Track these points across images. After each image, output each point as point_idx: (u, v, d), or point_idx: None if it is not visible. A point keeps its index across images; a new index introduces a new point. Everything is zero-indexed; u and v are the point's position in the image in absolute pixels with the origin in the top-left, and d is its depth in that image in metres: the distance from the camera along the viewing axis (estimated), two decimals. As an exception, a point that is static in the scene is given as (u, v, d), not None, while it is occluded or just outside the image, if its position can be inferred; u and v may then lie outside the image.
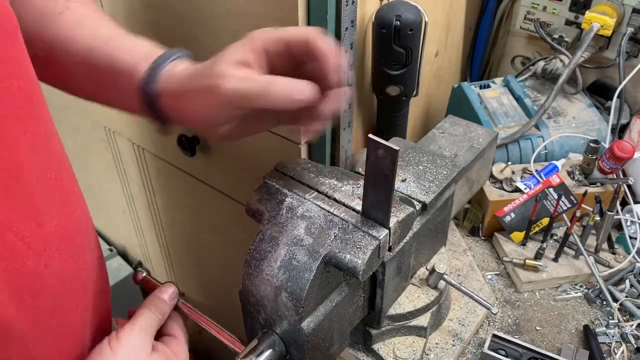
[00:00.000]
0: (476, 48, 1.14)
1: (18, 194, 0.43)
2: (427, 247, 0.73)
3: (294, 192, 0.60)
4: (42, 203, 0.45)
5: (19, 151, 0.43)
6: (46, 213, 0.46)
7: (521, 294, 0.85)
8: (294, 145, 0.77)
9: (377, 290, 0.66)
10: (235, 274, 0.63)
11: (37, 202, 0.45)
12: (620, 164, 0.87)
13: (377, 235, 0.53)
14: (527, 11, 1.07)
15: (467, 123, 0.85)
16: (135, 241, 1.43)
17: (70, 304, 0.51)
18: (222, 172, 0.95)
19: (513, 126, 0.97)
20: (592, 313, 0.82)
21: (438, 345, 0.75)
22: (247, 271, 0.56)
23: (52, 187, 0.47)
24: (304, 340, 0.55)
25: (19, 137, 0.43)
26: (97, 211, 1.53)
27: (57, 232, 0.48)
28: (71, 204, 0.52)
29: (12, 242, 0.42)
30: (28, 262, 0.44)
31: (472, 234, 0.96)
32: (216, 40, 0.77)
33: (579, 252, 0.87)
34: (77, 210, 0.53)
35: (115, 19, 0.90)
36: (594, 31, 0.94)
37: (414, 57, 0.76)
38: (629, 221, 0.91)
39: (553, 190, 0.88)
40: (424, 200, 0.65)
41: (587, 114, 1.01)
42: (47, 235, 0.46)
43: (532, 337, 0.79)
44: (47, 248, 0.46)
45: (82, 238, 0.54)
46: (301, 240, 0.55)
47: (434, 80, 1.04)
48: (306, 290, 0.52)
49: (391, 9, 0.72)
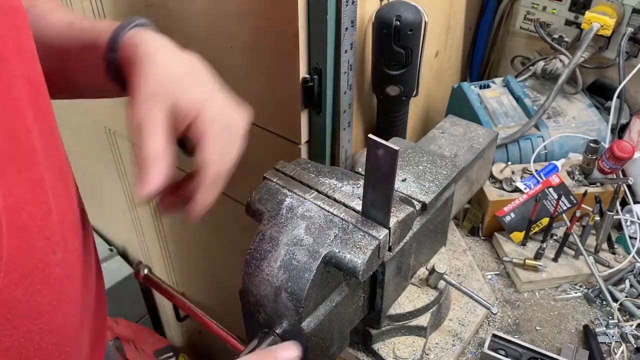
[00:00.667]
0: (476, 48, 1.14)
1: (31, 175, 0.43)
2: (427, 247, 0.73)
3: (294, 192, 0.60)
4: (50, 190, 0.46)
5: (32, 136, 0.43)
6: (53, 201, 0.46)
7: (521, 294, 0.85)
8: (294, 145, 0.77)
9: (377, 290, 0.66)
10: (235, 274, 0.63)
11: (47, 188, 0.45)
12: (620, 164, 0.87)
13: (377, 235, 0.53)
14: (527, 11, 1.07)
15: (467, 123, 0.85)
16: (135, 241, 1.43)
17: (70, 299, 0.51)
18: (222, 172, 0.95)
19: (513, 126, 0.97)
20: (592, 313, 0.82)
21: (438, 345, 0.76)
22: (247, 271, 0.56)
23: (57, 178, 0.48)
24: (304, 340, 0.55)
25: (32, 124, 0.43)
26: (97, 211, 1.53)
27: (62, 222, 0.48)
28: (72, 200, 0.52)
29: (25, 222, 0.42)
30: (39, 244, 0.43)
31: (472, 234, 0.96)
32: (216, 41, 0.77)
33: (579, 252, 0.87)
34: (78, 208, 0.53)
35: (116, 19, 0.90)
36: (594, 31, 0.94)
37: (414, 57, 0.76)
38: (629, 221, 0.91)
39: (553, 190, 0.88)
40: (423, 200, 0.65)
41: (587, 114, 1.01)
42: (55, 222, 0.46)
43: (532, 337, 0.79)
44: (54, 235, 0.46)
45: (82, 235, 0.54)
46: (301, 240, 0.55)
47: (434, 80, 1.04)
48: (306, 290, 0.52)
49: (391, 9, 0.72)
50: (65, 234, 0.49)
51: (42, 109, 0.47)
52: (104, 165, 1.27)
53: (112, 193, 1.34)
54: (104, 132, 1.17)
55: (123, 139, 1.13)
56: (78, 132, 1.27)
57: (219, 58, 0.78)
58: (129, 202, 1.30)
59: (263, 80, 0.74)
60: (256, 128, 0.81)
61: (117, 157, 1.20)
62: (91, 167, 1.34)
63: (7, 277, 0.39)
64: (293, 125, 0.75)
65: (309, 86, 0.70)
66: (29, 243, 0.42)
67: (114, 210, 1.40)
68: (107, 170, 1.28)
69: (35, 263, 0.43)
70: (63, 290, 0.48)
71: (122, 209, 1.35)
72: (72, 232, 0.51)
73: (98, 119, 1.16)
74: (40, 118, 0.45)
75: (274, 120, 0.77)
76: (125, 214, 1.36)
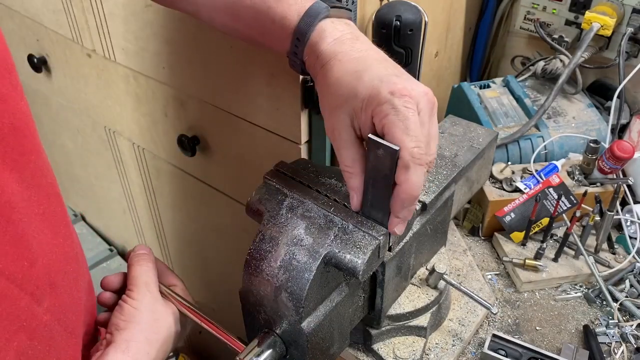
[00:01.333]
0: (476, 48, 1.14)
1: (9, 235, 0.42)
2: (427, 247, 0.73)
3: (294, 192, 0.60)
4: (32, 241, 0.45)
5: (8, 191, 0.42)
6: (37, 250, 0.46)
7: (521, 294, 0.85)
8: (294, 145, 0.77)
9: (377, 290, 0.66)
10: (236, 274, 0.63)
11: (28, 240, 0.44)
12: (620, 164, 0.87)
13: (377, 235, 0.53)
14: (527, 11, 1.07)
15: (467, 123, 0.85)
16: (135, 241, 1.43)
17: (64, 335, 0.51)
18: (222, 172, 0.95)
19: (513, 126, 0.97)
20: (592, 313, 0.82)
21: (438, 345, 0.75)
22: (247, 271, 0.56)
23: (41, 221, 0.47)
24: (304, 340, 0.55)
25: (8, 178, 0.42)
26: (97, 211, 1.53)
27: (49, 267, 0.47)
28: (61, 235, 0.51)
29: (4, 287, 0.42)
30: (21, 303, 0.44)
31: (472, 234, 0.96)
32: (216, 41, 0.77)
33: (579, 252, 0.87)
34: (67, 241, 0.52)
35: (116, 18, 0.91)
36: (594, 31, 0.94)
37: (414, 57, 0.76)
38: (629, 221, 0.91)
39: (553, 190, 0.88)
40: (424, 200, 0.65)
41: (587, 114, 1.01)
42: (38, 272, 0.46)
43: (532, 337, 0.79)
44: (39, 286, 0.46)
45: (73, 267, 0.53)
46: (301, 240, 0.55)
47: (434, 80, 1.04)
48: (306, 290, 0.52)
49: (391, 9, 0.72)
50: (54, 276, 0.48)
51: (25, 153, 0.45)
52: (104, 165, 1.27)
53: (112, 193, 1.34)
54: (104, 132, 1.17)
55: (123, 139, 1.13)
56: (78, 132, 1.27)
57: (219, 58, 0.78)
58: (129, 202, 1.30)
59: (263, 80, 0.74)
60: (256, 128, 0.81)
61: (117, 157, 1.20)
62: (91, 167, 1.34)
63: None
64: (293, 125, 0.75)
65: (309, 86, 0.70)
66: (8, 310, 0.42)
67: (114, 210, 1.40)
68: (107, 170, 1.28)
69: (20, 323, 0.44)
70: (53, 337, 0.48)
71: (122, 209, 1.35)
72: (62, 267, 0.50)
73: (98, 119, 1.16)
74: (18, 167, 0.44)
75: (274, 120, 0.77)
76: (125, 214, 1.36)
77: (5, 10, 1.16)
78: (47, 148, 1.14)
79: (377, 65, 0.50)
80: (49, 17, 1.05)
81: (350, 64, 0.50)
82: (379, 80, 0.48)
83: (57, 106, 1.27)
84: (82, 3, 0.94)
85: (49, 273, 0.48)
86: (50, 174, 0.51)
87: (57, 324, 0.49)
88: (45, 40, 1.12)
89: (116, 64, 0.97)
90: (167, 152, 1.03)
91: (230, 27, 0.60)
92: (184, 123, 0.94)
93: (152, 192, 1.18)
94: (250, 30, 0.58)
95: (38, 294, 0.46)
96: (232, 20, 0.58)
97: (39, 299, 0.46)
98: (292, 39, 0.54)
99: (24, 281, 0.44)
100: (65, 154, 1.41)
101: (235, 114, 0.82)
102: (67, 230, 0.53)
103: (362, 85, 0.49)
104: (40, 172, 0.48)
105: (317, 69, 0.53)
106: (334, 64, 0.51)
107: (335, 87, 0.51)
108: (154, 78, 0.92)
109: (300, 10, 0.53)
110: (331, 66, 0.51)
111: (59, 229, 0.51)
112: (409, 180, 0.48)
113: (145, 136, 1.05)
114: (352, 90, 0.49)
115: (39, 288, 0.46)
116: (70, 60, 1.09)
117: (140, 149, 1.10)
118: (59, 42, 1.08)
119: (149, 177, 1.15)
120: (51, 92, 1.24)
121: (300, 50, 0.54)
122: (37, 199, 0.47)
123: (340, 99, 0.50)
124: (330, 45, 0.52)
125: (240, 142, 0.86)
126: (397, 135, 0.46)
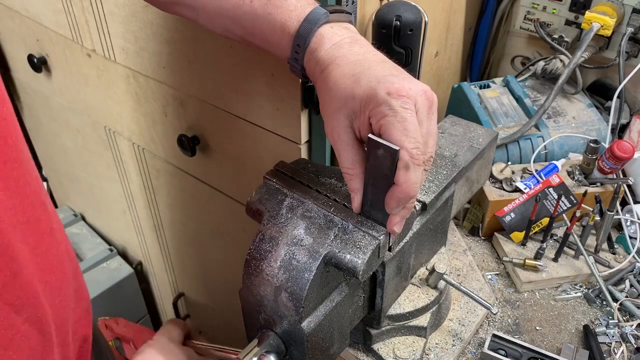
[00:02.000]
0: (476, 48, 1.14)
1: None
2: (427, 247, 0.73)
3: (294, 192, 0.60)
4: (16, 251, 0.44)
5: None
6: (21, 260, 0.45)
7: (521, 294, 0.85)
8: (294, 145, 0.77)
9: (377, 290, 0.66)
10: (236, 274, 0.63)
11: (12, 251, 0.44)
12: (620, 164, 0.87)
13: (377, 235, 0.53)
14: (527, 11, 1.07)
15: (467, 123, 0.85)
16: (135, 241, 1.43)
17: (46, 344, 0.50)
18: (222, 172, 0.95)
19: (513, 126, 0.97)
20: (592, 313, 0.82)
21: (438, 345, 0.75)
22: (247, 271, 0.56)
23: (25, 230, 0.47)
24: (304, 340, 0.55)
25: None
26: (97, 211, 1.53)
27: (31, 277, 0.47)
28: (44, 244, 0.51)
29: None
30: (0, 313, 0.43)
31: (472, 234, 0.96)
32: (215, 41, 0.77)
33: (579, 252, 0.87)
34: (51, 250, 0.52)
35: (116, 18, 0.90)
36: (594, 31, 0.94)
37: (414, 57, 0.76)
38: (629, 221, 0.91)
39: (553, 190, 0.88)
40: (424, 200, 0.65)
41: (587, 114, 1.01)
42: (21, 282, 0.45)
43: (532, 337, 0.79)
44: (19, 296, 0.45)
45: (56, 276, 0.53)
46: (301, 240, 0.55)
47: (434, 80, 1.04)
48: (306, 290, 0.52)
49: (391, 9, 0.72)
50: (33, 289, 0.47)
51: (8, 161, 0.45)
52: (104, 165, 1.27)
53: (112, 193, 1.34)
54: (104, 132, 1.17)
55: (123, 139, 1.13)
56: (78, 132, 1.27)
57: (219, 58, 0.78)
58: (129, 202, 1.30)
59: (263, 80, 0.74)
60: (256, 128, 0.81)
61: (117, 157, 1.20)
62: (91, 167, 1.34)
63: None
64: (293, 125, 0.75)
65: (309, 86, 0.70)
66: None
67: (114, 210, 1.40)
68: (107, 170, 1.28)
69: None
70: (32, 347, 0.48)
71: (122, 209, 1.35)
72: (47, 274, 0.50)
73: (98, 119, 1.16)
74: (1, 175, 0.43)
75: (274, 120, 0.77)
76: (125, 214, 1.36)
77: (5, 10, 1.16)
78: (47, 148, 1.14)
79: (375, 66, 0.50)
80: (49, 17, 1.05)
81: (348, 67, 0.51)
82: (376, 81, 0.48)
83: (57, 106, 1.27)
84: (82, 3, 0.94)
85: (31, 282, 0.47)
86: (34, 182, 0.50)
87: (37, 334, 0.48)
88: (45, 40, 1.12)
89: (116, 64, 0.98)
90: (167, 152, 1.03)
91: (231, 32, 0.60)
92: (183, 123, 0.94)
93: (152, 192, 1.18)
94: (250, 37, 0.58)
95: (18, 304, 0.45)
96: (232, 26, 0.58)
97: (19, 309, 0.45)
98: (292, 46, 0.54)
99: (5, 291, 0.43)
100: (65, 154, 1.41)
101: (235, 114, 0.82)
102: (51, 240, 0.52)
103: (359, 87, 0.49)
104: (24, 180, 0.48)
105: (317, 75, 0.53)
106: (333, 69, 0.51)
107: (334, 91, 0.51)
108: (154, 78, 0.92)
109: (300, 17, 0.53)
110: (330, 71, 0.51)
111: (42, 239, 0.50)
112: (408, 181, 0.48)
113: (145, 136, 1.05)
114: (350, 92, 0.49)
115: (19, 298, 0.45)
116: (70, 60, 1.09)
117: (140, 149, 1.10)
118: (59, 42, 1.08)
119: (149, 177, 1.15)
120: (51, 92, 1.24)
121: (300, 57, 0.54)
122: (22, 208, 0.47)
123: (339, 101, 0.50)
124: (328, 50, 0.52)
125: (240, 142, 0.86)
126: (396, 136, 0.46)
